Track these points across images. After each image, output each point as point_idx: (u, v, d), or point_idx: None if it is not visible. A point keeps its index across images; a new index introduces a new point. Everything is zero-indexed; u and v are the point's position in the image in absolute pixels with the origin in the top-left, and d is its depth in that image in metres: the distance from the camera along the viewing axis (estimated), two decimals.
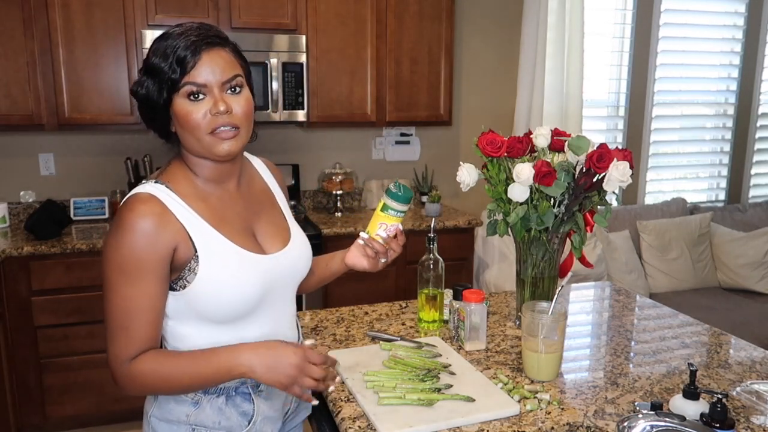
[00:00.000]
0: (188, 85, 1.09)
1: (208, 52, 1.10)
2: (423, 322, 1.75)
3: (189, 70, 1.09)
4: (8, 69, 2.84)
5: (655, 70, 4.24)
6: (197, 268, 1.12)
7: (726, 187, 4.66)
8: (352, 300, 2.28)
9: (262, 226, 1.26)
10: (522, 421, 1.26)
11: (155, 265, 1.09)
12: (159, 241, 1.09)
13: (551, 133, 1.63)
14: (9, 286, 2.73)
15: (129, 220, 1.08)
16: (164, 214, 1.10)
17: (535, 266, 1.66)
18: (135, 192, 1.13)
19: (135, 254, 1.07)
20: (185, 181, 1.17)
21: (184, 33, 1.10)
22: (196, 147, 1.14)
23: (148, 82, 1.11)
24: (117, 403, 2.92)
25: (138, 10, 2.95)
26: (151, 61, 1.11)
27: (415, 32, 3.39)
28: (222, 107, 1.10)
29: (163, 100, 1.11)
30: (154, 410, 1.22)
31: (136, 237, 1.07)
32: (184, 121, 1.11)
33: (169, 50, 1.09)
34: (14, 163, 3.23)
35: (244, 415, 1.21)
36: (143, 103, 1.14)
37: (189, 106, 1.10)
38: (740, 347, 1.68)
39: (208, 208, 1.17)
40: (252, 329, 1.20)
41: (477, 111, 3.92)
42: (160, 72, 1.09)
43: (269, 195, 1.34)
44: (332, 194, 3.60)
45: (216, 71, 1.10)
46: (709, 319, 2.50)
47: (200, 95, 1.10)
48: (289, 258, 1.26)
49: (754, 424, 1.27)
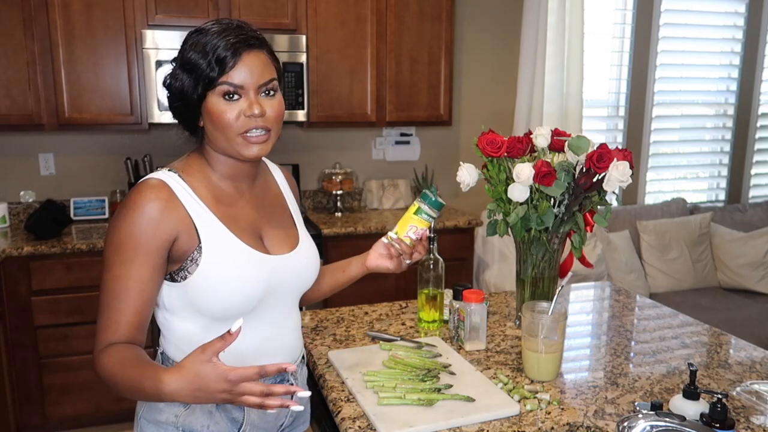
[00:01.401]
0: (225, 84, 1.09)
1: (248, 53, 1.11)
2: (423, 322, 1.75)
3: (228, 71, 1.09)
4: (8, 69, 2.84)
5: (655, 70, 4.24)
6: (199, 259, 1.12)
7: (726, 187, 4.66)
8: (352, 300, 2.28)
9: (270, 230, 1.25)
10: (522, 421, 1.26)
11: (152, 249, 1.09)
12: (160, 227, 1.09)
13: (551, 133, 1.62)
14: (9, 286, 2.73)
15: (135, 202, 1.09)
16: (171, 201, 1.11)
17: (535, 266, 1.66)
18: (147, 177, 1.14)
19: (133, 235, 1.07)
20: (199, 174, 1.18)
21: (224, 32, 1.10)
22: (224, 145, 1.14)
23: (183, 76, 1.11)
24: (117, 403, 2.92)
25: (138, 10, 2.95)
26: (188, 55, 1.10)
27: (415, 32, 3.39)
28: (257, 110, 1.10)
29: (197, 96, 1.11)
30: (144, 411, 1.22)
31: (137, 219, 1.08)
32: (216, 120, 1.11)
33: (208, 47, 1.09)
34: (14, 163, 3.23)
35: (233, 422, 1.21)
36: (176, 96, 1.14)
37: (223, 106, 1.10)
38: (740, 347, 1.68)
39: (217, 203, 1.17)
40: (249, 331, 1.14)
41: (477, 111, 3.92)
42: (197, 68, 1.09)
43: (282, 201, 1.34)
44: (332, 194, 3.60)
45: (254, 73, 1.11)
46: (709, 319, 2.51)
47: (235, 96, 1.11)
48: (295, 263, 1.25)
49: (754, 424, 1.27)
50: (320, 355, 1.56)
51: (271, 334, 1.23)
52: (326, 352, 1.56)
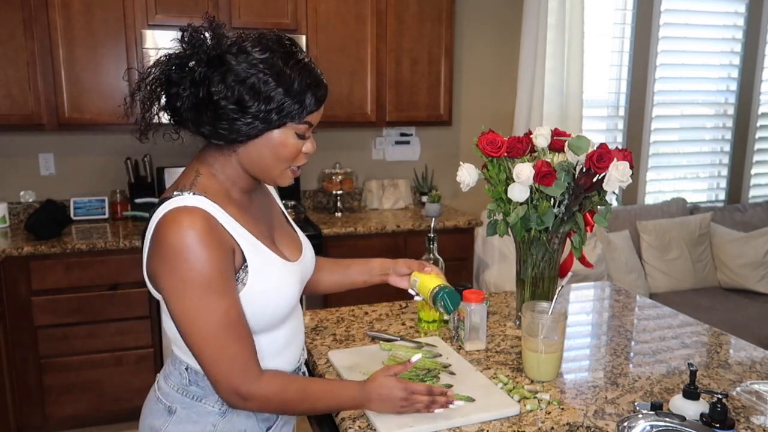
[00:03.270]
0: (306, 125, 1.12)
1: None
2: (423, 322, 1.75)
3: (312, 112, 1.12)
4: (8, 69, 2.84)
5: (655, 70, 4.24)
6: (246, 278, 1.12)
7: (726, 187, 4.66)
8: (352, 300, 2.27)
9: (279, 236, 1.28)
10: (522, 421, 1.26)
11: (233, 272, 1.10)
12: (226, 248, 1.08)
13: (551, 133, 1.62)
14: (9, 286, 2.73)
15: (190, 235, 1.03)
16: (217, 225, 1.09)
17: (535, 266, 1.66)
18: (177, 205, 1.07)
19: (216, 266, 1.05)
20: (221, 193, 1.14)
21: (314, 72, 1.11)
22: (263, 170, 1.15)
23: (252, 95, 1.06)
24: (117, 403, 2.93)
25: (138, 10, 2.95)
26: (271, 82, 1.06)
27: (415, 32, 3.39)
28: (314, 151, 1.17)
29: (271, 123, 1.08)
30: (170, 426, 1.19)
31: (209, 250, 1.04)
32: (280, 151, 1.11)
33: (301, 84, 1.08)
34: (14, 163, 3.23)
35: (266, 421, 1.24)
36: (228, 110, 1.07)
37: (293, 140, 1.12)
38: (740, 347, 1.68)
39: (245, 218, 1.16)
40: (281, 333, 1.22)
41: (477, 111, 3.92)
42: (283, 100, 1.07)
43: (273, 202, 1.35)
44: (332, 194, 3.60)
45: (319, 118, 1.15)
46: (709, 319, 2.50)
47: (306, 135, 1.14)
48: (307, 264, 1.32)
49: (754, 424, 1.27)
50: (320, 355, 1.56)
51: (292, 331, 1.27)
52: (326, 352, 1.56)
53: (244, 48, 1.08)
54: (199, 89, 1.07)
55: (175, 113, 1.13)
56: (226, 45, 1.09)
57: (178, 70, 1.09)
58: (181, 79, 1.09)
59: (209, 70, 1.07)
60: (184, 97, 1.09)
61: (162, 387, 1.23)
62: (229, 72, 1.06)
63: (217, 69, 1.07)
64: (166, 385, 1.22)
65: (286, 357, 1.25)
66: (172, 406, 1.19)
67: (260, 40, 1.09)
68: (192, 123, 1.11)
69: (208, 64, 1.08)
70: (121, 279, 2.82)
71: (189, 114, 1.10)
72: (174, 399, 1.19)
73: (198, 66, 1.08)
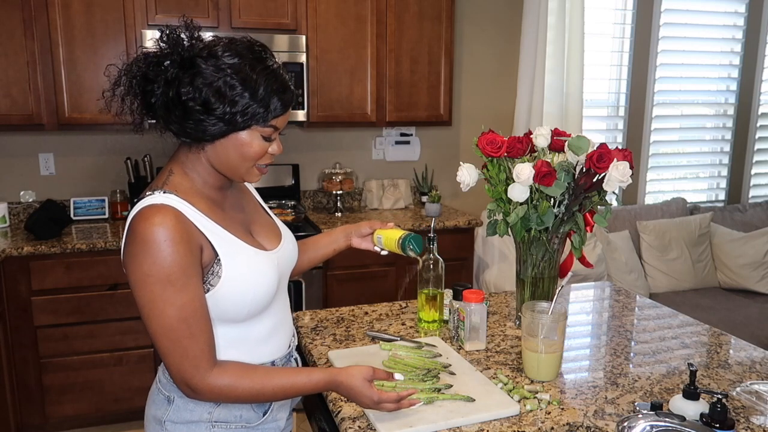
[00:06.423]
0: (271, 128, 1.16)
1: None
2: (423, 322, 1.75)
3: (278, 116, 1.15)
4: (8, 69, 2.84)
5: (655, 70, 4.24)
6: (220, 270, 1.16)
7: (726, 187, 4.66)
8: (352, 300, 2.27)
9: (257, 227, 1.32)
10: (522, 421, 1.26)
11: (197, 268, 1.12)
12: (191, 244, 1.11)
13: (551, 133, 1.62)
14: (9, 286, 2.73)
15: (157, 232, 1.08)
16: (185, 220, 1.12)
17: (535, 266, 1.66)
18: (148, 204, 1.12)
19: (178, 262, 1.08)
20: (191, 190, 1.19)
21: (281, 78, 1.14)
22: (231, 168, 1.18)
23: (217, 97, 1.10)
24: (117, 403, 2.93)
25: (138, 10, 2.95)
26: (237, 86, 1.10)
27: (415, 32, 3.39)
28: (279, 152, 1.21)
29: (236, 125, 1.12)
30: (170, 415, 1.23)
31: (173, 246, 1.08)
32: (245, 151, 1.15)
33: (266, 89, 1.12)
34: (14, 163, 3.23)
35: (261, 406, 1.26)
36: (193, 110, 1.11)
37: (258, 141, 1.16)
38: (740, 347, 1.68)
39: (216, 213, 1.20)
40: (262, 323, 1.25)
41: (477, 111, 3.92)
42: (249, 103, 1.11)
43: (249, 195, 1.40)
44: (332, 194, 3.60)
45: (285, 122, 1.19)
46: (709, 319, 2.51)
47: (271, 137, 1.17)
48: (287, 252, 1.34)
49: (754, 424, 1.27)
50: (320, 355, 1.56)
51: (278, 319, 1.30)
52: (326, 352, 1.56)
53: (214, 52, 1.12)
54: (170, 89, 1.12)
55: (149, 109, 1.17)
56: (198, 48, 1.13)
57: (155, 68, 1.13)
58: (156, 77, 1.13)
59: (180, 71, 1.11)
60: (157, 94, 1.13)
61: (161, 378, 1.27)
62: (198, 75, 1.10)
63: (187, 71, 1.11)
64: (164, 376, 1.26)
65: (274, 344, 1.29)
66: (171, 396, 1.23)
67: (231, 46, 1.13)
68: (163, 120, 1.16)
69: (181, 66, 1.12)
70: (121, 279, 2.82)
71: (161, 111, 1.15)
72: (172, 389, 1.23)
73: (171, 66, 1.12)
